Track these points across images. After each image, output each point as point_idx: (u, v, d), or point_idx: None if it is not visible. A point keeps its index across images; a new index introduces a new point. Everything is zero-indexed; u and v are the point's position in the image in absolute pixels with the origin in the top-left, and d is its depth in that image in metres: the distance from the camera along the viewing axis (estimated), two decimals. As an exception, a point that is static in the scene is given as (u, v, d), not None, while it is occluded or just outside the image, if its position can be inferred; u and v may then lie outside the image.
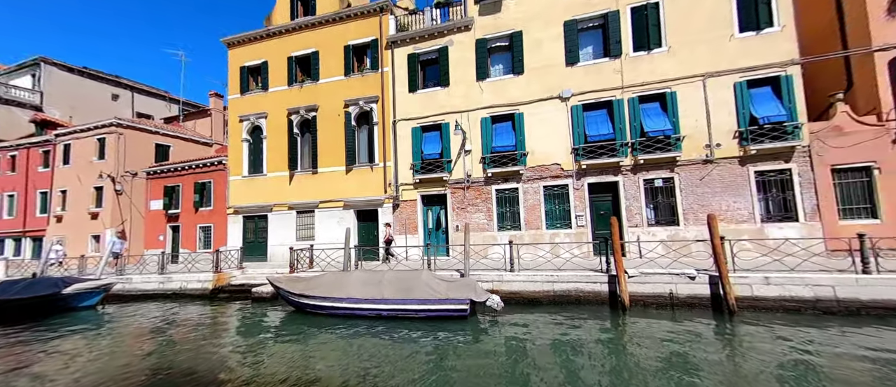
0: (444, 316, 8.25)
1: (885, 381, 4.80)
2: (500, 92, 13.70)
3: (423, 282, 8.46)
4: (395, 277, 8.97)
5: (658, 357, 5.95)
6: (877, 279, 7.34)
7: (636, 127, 12.03)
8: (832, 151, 10.32)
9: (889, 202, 9.78)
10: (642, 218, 11.83)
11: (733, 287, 7.79)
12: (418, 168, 14.28)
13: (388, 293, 8.51)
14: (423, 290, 8.32)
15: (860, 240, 7.66)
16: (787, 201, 10.71)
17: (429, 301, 8.23)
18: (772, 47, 10.86)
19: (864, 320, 7.11)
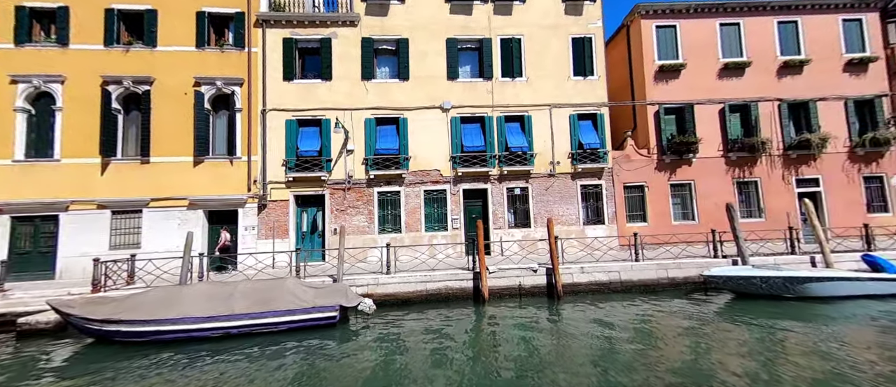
0: (311, 326, 7.50)
1: (646, 323, 6.72)
2: (385, 94, 13.44)
3: (287, 291, 7.50)
4: (252, 288, 7.65)
5: (506, 335, 7.13)
6: (643, 265, 10.26)
7: (502, 142, 13.64)
8: (624, 173, 14.00)
9: (653, 210, 13.87)
10: (505, 221, 13.47)
11: (561, 276, 9.65)
12: (293, 165, 12.66)
13: (240, 307, 7.17)
14: (286, 300, 7.36)
15: (635, 238, 10.60)
16: (599, 209, 13.95)
17: (294, 311, 7.35)
18: (593, 91, 14.04)
19: (635, 294, 9.83)
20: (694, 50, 14.23)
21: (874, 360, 5.52)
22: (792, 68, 14.05)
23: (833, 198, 13.62)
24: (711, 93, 14.17)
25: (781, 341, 6.41)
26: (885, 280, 8.66)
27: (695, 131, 13.85)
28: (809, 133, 13.56)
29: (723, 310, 8.46)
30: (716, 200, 13.47)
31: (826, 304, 8.41)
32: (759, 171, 13.81)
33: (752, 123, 13.93)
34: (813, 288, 8.58)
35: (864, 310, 8.02)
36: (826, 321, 7.49)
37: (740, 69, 14.14)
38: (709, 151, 13.96)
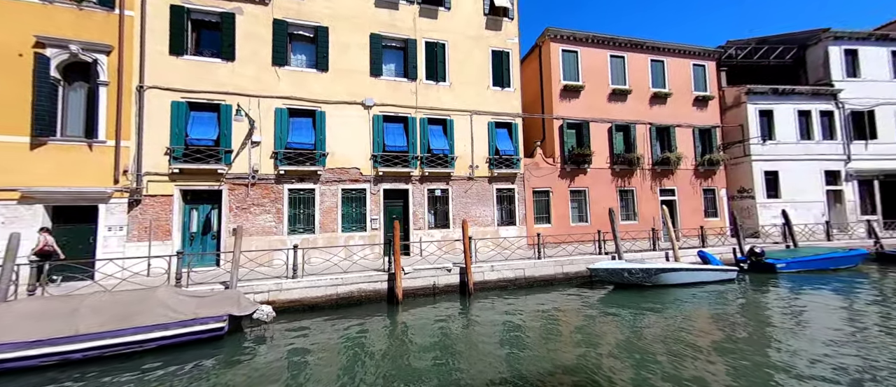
0: (190, 341, 6.38)
1: (543, 313, 7.31)
2: (301, 84, 12.22)
3: (158, 302, 6.26)
4: (108, 300, 6.18)
5: (417, 333, 6.95)
6: (544, 262, 11.21)
7: (425, 144, 13.57)
8: (533, 179, 15.19)
9: (556, 213, 15.33)
10: (425, 222, 13.41)
11: (473, 275, 9.99)
12: (180, 155, 10.63)
13: (88, 326, 5.73)
14: (155, 313, 6.14)
15: (538, 238, 11.55)
16: (512, 211, 14.87)
17: (166, 326, 6.16)
18: (509, 102, 14.92)
19: (537, 288, 10.70)
20: (591, 75, 16.20)
21: (704, 327, 6.87)
22: (659, 99, 16.99)
23: (683, 205, 16.85)
24: (603, 113, 16.30)
25: (644, 319, 7.60)
26: (711, 270, 10.95)
27: (589, 145, 15.75)
28: (670, 152, 16.56)
29: (603, 298, 9.69)
30: (603, 205, 15.51)
31: (674, 289, 10.28)
32: (635, 181, 16.36)
33: (631, 141, 16.42)
34: (665, 277, 10.42)
35: (696, 292, 10.04)
36: (673, 302, 9.18)
37: (624, 95, 16.56)
38: (599, 163, 16.01)
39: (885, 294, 9.62)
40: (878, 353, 5.83)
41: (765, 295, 9.92)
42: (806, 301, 9.10)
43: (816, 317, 7.91)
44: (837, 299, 9.21)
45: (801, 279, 11.30)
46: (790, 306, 8.76)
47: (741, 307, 8.85)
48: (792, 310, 8.48)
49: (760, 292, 10.25)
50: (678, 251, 12.31)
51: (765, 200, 16.82)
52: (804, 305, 8.82)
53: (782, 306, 8.85)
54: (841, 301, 9.05)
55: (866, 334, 6.77)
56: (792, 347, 6.20)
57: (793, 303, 9.03)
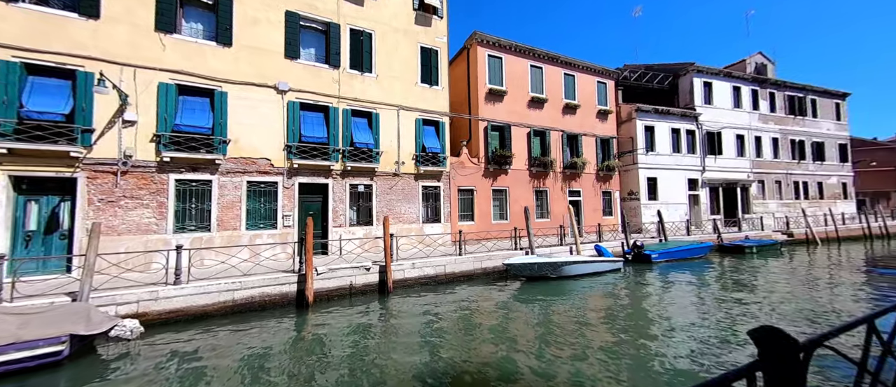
0: (10, 371, 4.87)
1: (461, 306, 7.31)
2: (195, 57, 10.30)
3: None
4: None
5: (329, 336, 6.38)
6: (464, 258, 11.35)
7: (347, 136, 12.66)
8: (459, 177, 15.37)
9: (479, 211, 15.75)
10: (346, 219, 12.53)
11: (393, 273, 9.63)
12: (9, 130, 8.04)
13: None
14: None
15: (460, 235, 11.69)
16: (437, 208, 14.82)
17: None
18: (436, 100, 14.81)
19: (457, 284, 10.78)
20: (513, 81, 17.02)
21: (597, 308, 7.61)
22: (570, 109, 18.67)
23: (587, 205, 18.84)
24: (523, 118, 17.27)
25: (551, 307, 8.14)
26: (603, 261, 12.35)
27: (511, 147, 16.55)
28: (577, 158, 18.33)
29: (516, 291, 10.17)
30: (522, 204, 16.44)
31: (575, 279, 11.33)
32: (549, 183, 17.73)
33: (546, 145, 17.73)
34: (567, 269, 11.41)
35: (592, 281, 11.21)
36: (573, 290, 10.07)
37: (541, 103, 17.80)
38: (519, 165, 16.95)
39: (722, 275, 12.00)
40: (715, 311, 7.66)
41: (643, 280, 11.53)
42: (671, 283, 10.92)
43: (678, 293, 9.71)
44: (692, 280, 11.22)
45: (669, 267, 13.46)
46: (660, 287, 10.38)
47: (625, 291, 10.17)
48: (661, 290, 10.11)
49: (640, 277, 11.90)
50: (580, 246, 13.61)
51: (646, 202, 19.73)
52: (670, 285, 10.57)
53: (655, 288, 10.44)
54: (694, 281, 11.08)
55: (709, 302, 8.59)
56: (662, 315, 7.75)
57: (662, 285, 10.72)
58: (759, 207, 22.25)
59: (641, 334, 6.67)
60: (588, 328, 7.00)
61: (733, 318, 7.58)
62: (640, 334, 6.67)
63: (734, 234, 18.69)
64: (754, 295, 9.39)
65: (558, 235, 14.80)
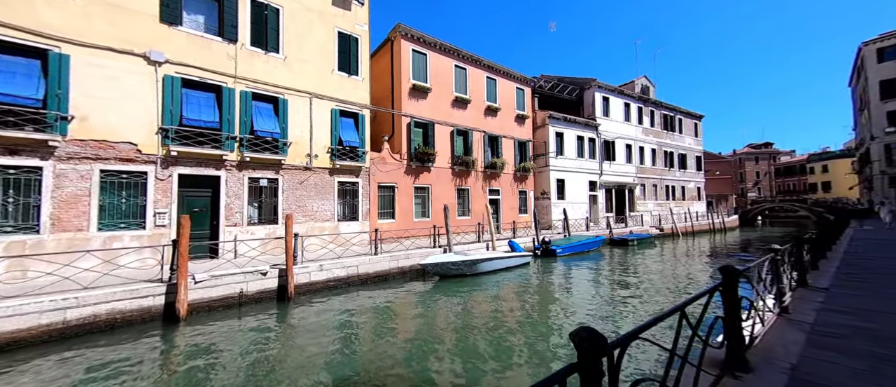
0: None
1: (370, 308, 6.82)
2: (21, 6, 7.72)
3: None
4: None
5: (196, 360, 5.28)
6: (379, 258, 10.86)
7: (247, 123, 11.01)
8: (379, 174, 14.69)
9: (400, 208, 15.30)
10: (243, 216, 10.89)
11: (296, 277, 8.67)
12: None
13: None
14: None
15: (376, 233, 11.14)
16: (355, 206, 13.92)
17: None
18: (356, 91, 13.87)
19: (372, 285, 10.24)
20: (438, 79, 16.93)
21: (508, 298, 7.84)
22: (492, 111, 19.40)
23: (505, 204, 19.84)
24: (447, 117, 17.33)
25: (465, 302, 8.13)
26: (515, 257, 13.05)
27: (434, 145, 16.45)
28: (497, 158, 19.15)
29: (431, 289, 10.03)
30: (444, 202, 16.50)
31: (488, 275, 11.70)
32: (470, 181, 18.15)
33: (469, 145, 18.10)
34: (481, 266, 11.73)
35: (505, 276, 11.73)
36: (486, 285, 10.35)
37: (465, 104, 18.10)
38: (442, 163, 16.96)
39: (612, 263, 13.70)
40: (609, 292, 8.73)
41: (548, 272, 12.49)
42: (571, 273, 12.07)
43: (578, 281, 10.83)
44: (588, 269, 12.58)
45: (571, 260, 14.88)
46: (561, 277, 11.35)
47: (532, 283, 10.84)
48: (562, 279, 11.06)
49: (546, 269, 12.87)
50: (496, 242, 14.16)
51: (556, 201, 21.63)
52: (570, 275, 11.65)
53: (556, 278, 11.44)
54: (589, 270, 12.46)
55: (603, 285, 9.57)
56: (564, 299, 8.77)
57: (565, 274, 11.77)
58: (641, 207, 26.24)
59: (543, 319, 7.10)
60: (501, 313, 7.20)
61: (620, 298, 8.58)
62: (542, 319, 7.08)
63: (622, 229, 21.65)
64: (636, 278, 10.85)
65: (477, 233, 15.19)
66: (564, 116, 22.32)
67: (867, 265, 7.23)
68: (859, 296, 4.96)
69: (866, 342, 3.25)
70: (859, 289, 5.37)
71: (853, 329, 3.64)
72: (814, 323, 3.82)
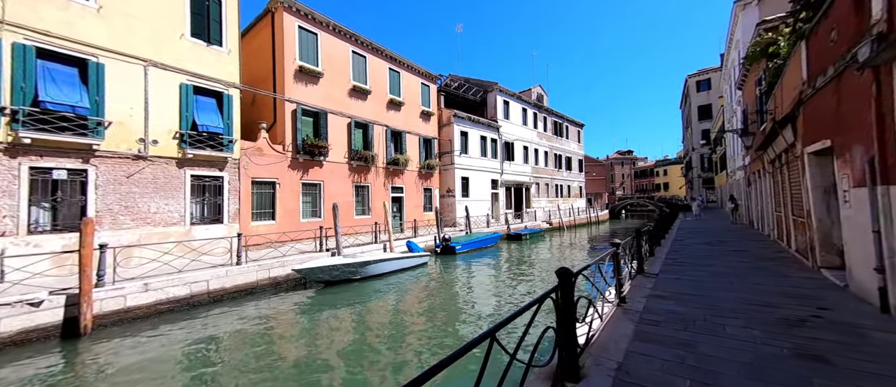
0: None
1: (208, 339, 5.14)
2: None
3: None
4: None
5: None
6: (243, 268, 8.90)
7: (30, 89, 7.72)
8: (254, 167, 12.30)
9: (283, 208, 13.14)
10: (19, 222, 7.60)
11: (101, 303, 6.33)
12: None
13: None
14: None
15: (239, 239, 9.11)
16: (218, 205, 11.32)
17: None
18: (219, 64, 11.26)
19: (230, 300, 8.29)
20: (332, 64, 15.16)
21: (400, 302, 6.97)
22: (395, 105, 18.43)
23: (409, 201, 19.13)
24: (344, 107, 15.68)
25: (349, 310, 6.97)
26: (410, 257, 12.39)
27: (327, 137, 14.67)
28: (401, 155, 18.28)
29: (308, 299, 8.59)
30: (340, 200, 14.90)
31: (381, 278, 10.76)
32: (371, 178, 16.87)
33: (369, 139, 16.78)
34: (371, 269, 10.72)
35: (399, 278, 10.95)
36: (377, 290, 9.41)
37: (365, 94, 16.70)
38: (337, 157, 15.28)
39: (508, 257, 14.20)
40: (511, 281, 8.03)
41: (446, 270, 12.19)
42: (470, 269, 11.96)
43: (471, 277, 10.60)
44: (484, 264, 12.68)
45: (470, 256, 14.97)
46: (459, 274, 11.11)
47: (427, 282, 10.32)
48: (459, 276, 10.81)
49: (444, 268, 12.56)
50: (392, 242, 13.29)
51: (461, 199, 21.90)
52: (467, 272, 11.50)
53: (454, 275, 11.17)
54: (486, 264, 12.58)
55: (502, 277, 9.34)
56: (453, 299, 8.21)
57: (461, 271, 11.59)
58: (535, 203, 28.70)
59: (432, 319, 6.47)
60: (389, 321, 6.24)
61: (506, 293, 8.55)
62: (430, 319, 6.43)
63: (518, 224, 23.18)
64: (519, 270, 11.24)
65: (373, 233, 14.07)
66: (469, 115, 22.74)
67: (684, 250, 8.61)
68: (678, 279, 5.59)
69: (678, 329, 3.48)
70: (678, 272, 6.11)
71: (670, 315, 3.88)
72: (642, 311, 4.02)
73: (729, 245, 9.35)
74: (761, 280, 5.37)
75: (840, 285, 4.89)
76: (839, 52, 4.62)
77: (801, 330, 3.33)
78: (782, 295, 4.55)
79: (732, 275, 5.78)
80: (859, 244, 4.45)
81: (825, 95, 5.21)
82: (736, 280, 5.41)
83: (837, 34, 4.82)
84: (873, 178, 3.89)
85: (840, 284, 4.90)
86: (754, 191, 13.31)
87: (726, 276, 5.72)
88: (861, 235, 4.35)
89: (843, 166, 4.77)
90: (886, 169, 3.76)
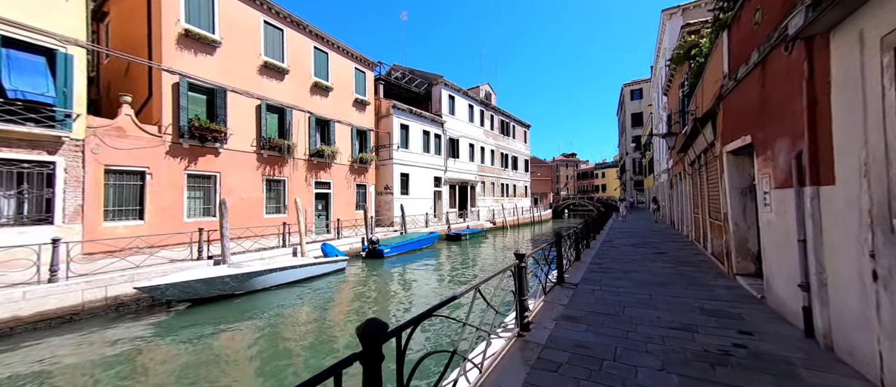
0: None
1: None
2: None
3: None
4: None
5: None
6: (63, 288, 6.41)
7: None
8: (111, 151, 9.46)
9: (156, 205, 10.39)
10: None
11: None
12: None
13: None
14: None
15: (55, 248, 6.55)
16: (48, 201, 8.40)
17: None
18: (52, 14, 8.34)
19: (22, 336, 5.81)
20: (235, 33, 12.56)
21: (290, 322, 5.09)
22: (322, 90, 16.17)
23: (338, 198, 16.98)
24: (252, 86, 13.15)
25: (209, 341, 4.99)
26: (323, 263, 10.47)
27: (226, 119, 12.10)
28: (327, 146, 16.07)
29: (158, 327, 6.37)
30: (247, 196, 12.44)
31: (276, 292, 8.71)
32: (288, 171, 14.49)
33: (286, 126, 14.38)
34: (261, 281, 8.66)
35: (301, 288, 9.01)
36: (265, 308, 7.47)
37: (281, 73, 14.26)
38: (242, 145, 12.74)
39: (442, 259, 12.88)
40: (435, 289, 7.23)
41: (368, 275, 10.55)
42: (394, 274, 10.57)
43: (399, 283, 9.27)
44: (413, 269, 11.36)
45: (401, 260, 13.39)
46: (382, 280, 9.79)
47: (337, 294, 8.74)
48: (379, 282, 9.49)
49: (369, 273, 10.91)
50: (304, 246, 11.25)
51: (399, 196, 20.21)
52: (392, 277, 10.12)
53: (373, 282, 9.79)
54: (419, 268, 11.42)
55: (427, 284, 8.59)
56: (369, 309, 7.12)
57: (382, 278, 10.22)
58: (481, 202, 27.99)
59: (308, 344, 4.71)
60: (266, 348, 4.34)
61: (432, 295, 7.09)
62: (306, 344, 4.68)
63: (460, 224, 22.12)
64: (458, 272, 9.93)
65: (281, 235, 11.86)
66: (411, 108, 21.12)
67: (610, 253, 8.09)
68: (598, 291, 4.98)
69: (580, 377, 2.42)
70: (599, 281, 5.73)
71: (577, 350, 3.12)
72: (546, 344, 3.34)
73: (652, 246, 9.12)
74: (681, 292, 4.84)
75: (756, 297, 4.31)
76: (765, 34, 3.86)
77: (724, 371, 2.58)
78: (702, 312, 3.95)
79: (653, 284, 5.27)
80: (780, 254, 3.75)
81: (747, 86, 4.51)
82: (657, 292, 4.84)
83: (762, 15, 4.09)
84: (801, 177, 3.10)
85: (756, 295, 4.33)
86: (676, 193, 13.51)
87: (647, 286, 5.17)
88: (782, 244, 3.64)
89: (763, 165, 4.07)
90: (817, 166, 2.95)
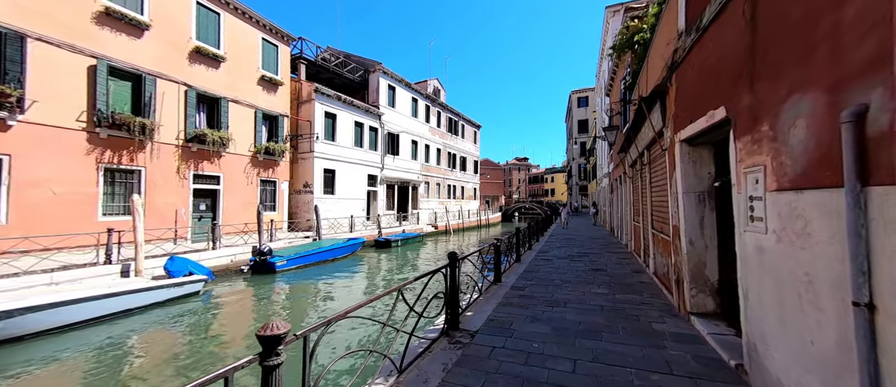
0: None
1: None
2: None
3: None
4: None
5: None
6: None
7: None
8: None
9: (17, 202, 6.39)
10: None
11: None
12: None
13: None
14: None
15: None
16: None
17: None
18: None
19: None
20: (49, -41, 8.73)
21: None
22: (208, 58, 12.55)
23: (233, 197, 13.40)
24: (81, 37, 9.33)
25: None
26: (156, 288, 7.19)
27: (22, 80, 8.23)
28: (214, 131, 12.49)
29: None
30: (58, 190, 8.62)
31: (66, 335, 5.45)
32: (147, 159, 10.76)
33: (145, 98, 10.66)
34: (32, 321, 5.28)
35: (116, 327, 5.87)
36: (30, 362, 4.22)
37: (137, 28, 10.52)
38: (61, 118, 8.90)
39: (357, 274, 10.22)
40: None
41: (242, 297, 7.54)
42: (274, 298, 7.90)
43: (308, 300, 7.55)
44: (312, 287, 9.12)
45: (297, 274, 10.42)
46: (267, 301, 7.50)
47: (174, 326, 5.78)
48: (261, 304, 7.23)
49: (241, 294, 7.84)
50: (141, 262, 7.86)
51: (322, 196, 17.04)
52: (270, 302, 7.63)
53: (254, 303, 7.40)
54: (317, 287, 9.25)
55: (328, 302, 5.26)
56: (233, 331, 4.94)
57: (260, 302, 7.60)
58: (424, 204, 25.57)
59: None
60: None
61: None
62: None
63: (395, 228, 19.46)
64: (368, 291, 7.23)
65: (104, 246, 8.28)
66: (339, 94, 18.04)
67: (541, 271, 6.31)
68: (499, 350, 2.35)
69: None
70: (508, 329, 3.21)
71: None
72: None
73: (590, 259, 7.49)
74: (619, 350, 2.79)
75: (728, 362, 2.65)
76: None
77: None
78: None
79: (582, 333, 3.30)
80: (788, 313, 1.65)
81: (722, 30, 2.51)
82: (583, 351, 2.72)
83: None
84: (859, 171, 0.91)
85: (727, 360, 2.68)
86: (616, 197, 12.27)
87: (572, 336, 3.19)
88: (794, 293, 1.54)
89: (752, 151, 2.01)
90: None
